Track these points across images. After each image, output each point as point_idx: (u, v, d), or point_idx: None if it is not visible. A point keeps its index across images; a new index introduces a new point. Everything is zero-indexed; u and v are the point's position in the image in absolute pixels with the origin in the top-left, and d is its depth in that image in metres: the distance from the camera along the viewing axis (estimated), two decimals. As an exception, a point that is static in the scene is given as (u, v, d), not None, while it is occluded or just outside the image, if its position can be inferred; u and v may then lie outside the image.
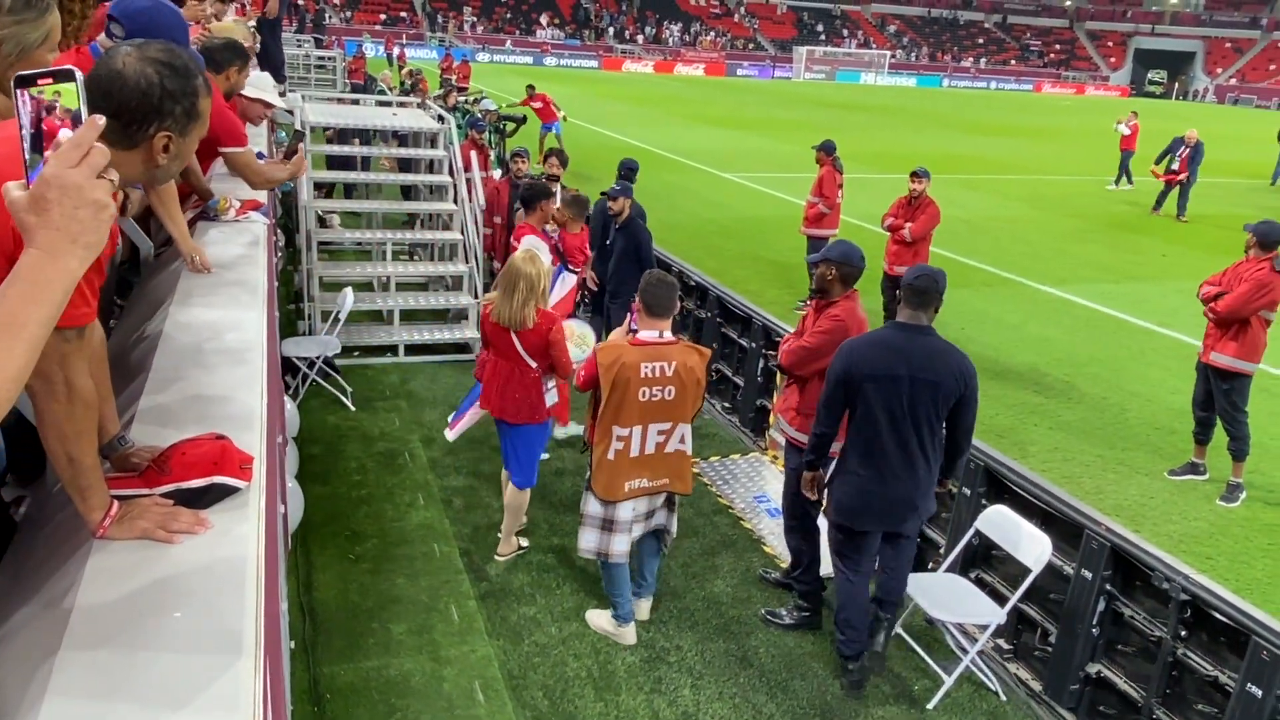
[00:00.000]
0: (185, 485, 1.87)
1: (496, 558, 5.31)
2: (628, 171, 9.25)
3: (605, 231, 7.61)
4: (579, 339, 5.53)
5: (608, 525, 4.43)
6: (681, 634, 4.75)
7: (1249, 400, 6.46)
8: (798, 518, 4.91)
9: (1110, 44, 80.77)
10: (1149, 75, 76.98)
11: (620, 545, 4.46)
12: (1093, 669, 4.25)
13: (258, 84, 4.76)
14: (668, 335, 4.31)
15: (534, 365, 4.96)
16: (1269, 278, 6.15)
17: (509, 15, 67.49)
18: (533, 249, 5.28)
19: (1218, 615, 3.64)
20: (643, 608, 4.83)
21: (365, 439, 6.69)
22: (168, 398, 2.38)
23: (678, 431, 4.37)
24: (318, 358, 6.97)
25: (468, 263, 8.63)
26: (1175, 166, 17.04)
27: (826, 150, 10.37)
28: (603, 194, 7.54)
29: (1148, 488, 6.64)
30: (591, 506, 4.45)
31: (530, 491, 5.32)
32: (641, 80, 53.76)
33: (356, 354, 8.11)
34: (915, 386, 4.06)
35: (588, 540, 4.50)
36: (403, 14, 63.83)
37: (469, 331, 8.41)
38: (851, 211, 12.06)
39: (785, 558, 5.44)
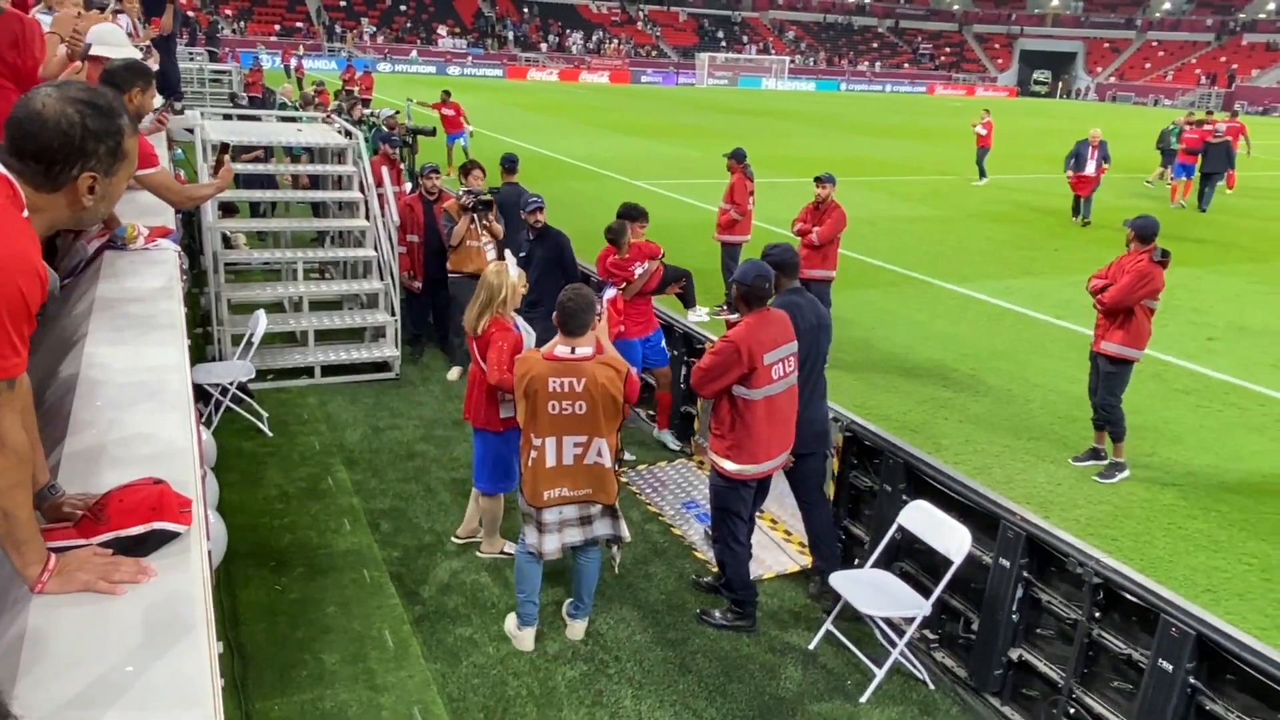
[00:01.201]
0: (124, 533, 1.82)
1: (478, 554, 5.48)
2: (510, 164, 9.37)
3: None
4: None
5: (539, 526, 4.51)
6: (620, 645, 4.78)
7: (1129, 385, 6.80)
8: (720, 530, 5.00)
9: (997, 46, 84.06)
10: (1034, 75, 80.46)
11: (550, 545, 4.53)
12: (1014, 654, 4.44)
13: (103, 38, 4.50)
14: (581, 351, 4.34)
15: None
16: (1149, 268, 6.52)
17: (409, 24, 66.57)
18: (504, 262, 5.28)
19: (1129, 596, 3.85)
20: (577, 628, 4.85)
21: (285, 465, 6.53)
22: (93, 441, 2.30)
23: (594, 445, 4.41)
24: (231, 383, 6.78)
25: (383, 279, 8.50)
26: (1090, 171, 16.61)
27: (737, 158, 10.56)
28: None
29: (1054, 474, 6.95)
30: (523, 506, 4.57)
31: (503, 498, 5.42)
32: (547, 88, 53.68)
33: (270, 377, 7.91)
34: (817, 332, 5.18)
35: (528, 535, 4.60)
36: (299, 24, 62.35)
37: (387, 350, 8.28)
38: (762, 216, 12.29)
39: (717, 566, 5.52)
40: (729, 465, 4.76)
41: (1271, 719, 3.39)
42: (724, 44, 75.69)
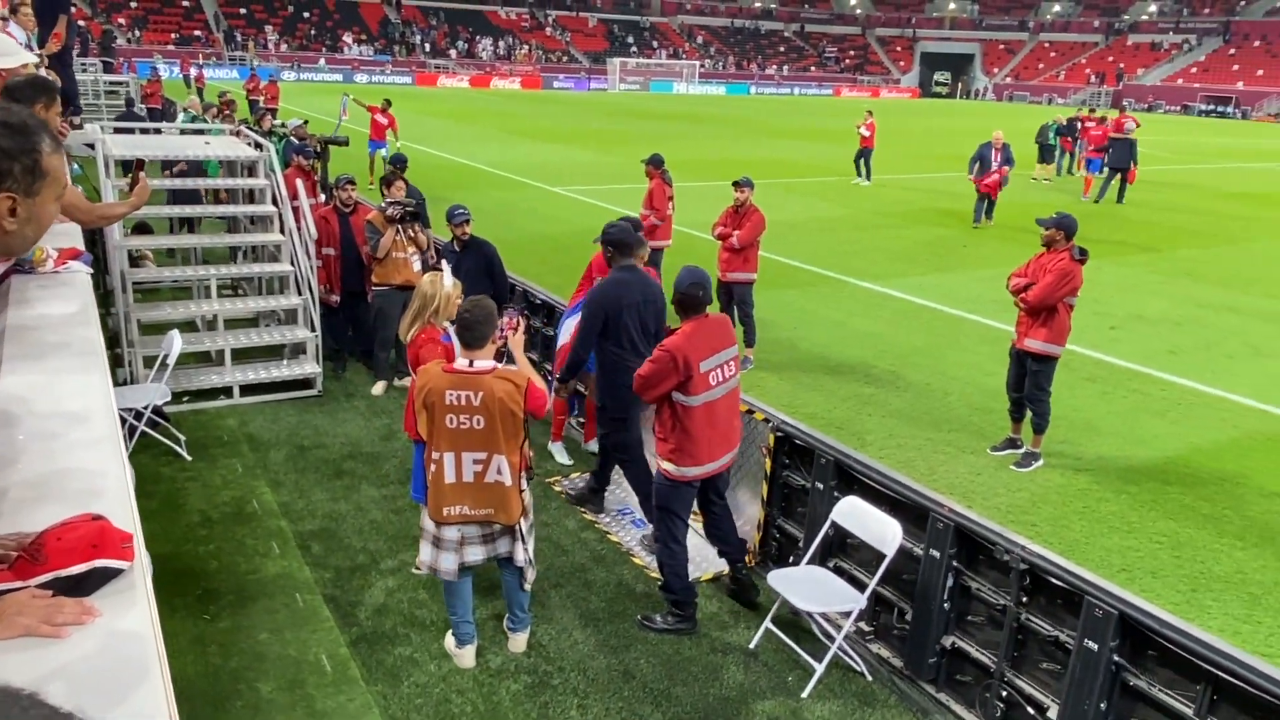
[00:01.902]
0: (64, 573, 1.75)
1: (413, 571, 5.38)
2: (401, 164, 9.70)
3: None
4: None
5: (437, 542, 4.45)
6: (562, 655, 4.77)
7: (1053, 380, 7.11)
8: (661, 530, 5.05)
9: (899, 49, 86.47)
10: (935, 77, 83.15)
11: (447, 564, 4.45)
12: (947, 641, 4.57)
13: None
14: (480, 365, 4.26)
15: None
16: (1070, 267, 6.77)
17: (313, 32, 65.17)
18: (439, 273, 5.19)
19: (1054, 580, 4.00)
20: (518, 641, 4.81)
21: (206, 489, 6.33)
22: (19, 478, 2.20)
23: (494, 462, 4.32)
24: (146, 407, 6.54)
25: (301, 294, 8.30)
26: (994, 169, 16.81)
27: (655, 164, 10.65)
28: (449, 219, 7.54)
29: (974, 465, 7.19)
30: (425, 521, 4.50)
31: None
32: (459, 95, 53.20)
33: (187, 399, 7.66)
34: (646, 307, 5.78)
35: (423, 553, 4.54)
36: (197, 33, 60.51)
37: (308, 366, 8.10)
38: (683, 221, 12.40)
39: (654, 570, 5.56)
40: (671, 468, 4.83)
41: (1189, 691, 3.57)
42: (634, 49, 76.14)
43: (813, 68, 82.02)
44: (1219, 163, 31.75)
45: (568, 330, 6.70)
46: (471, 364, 4.27)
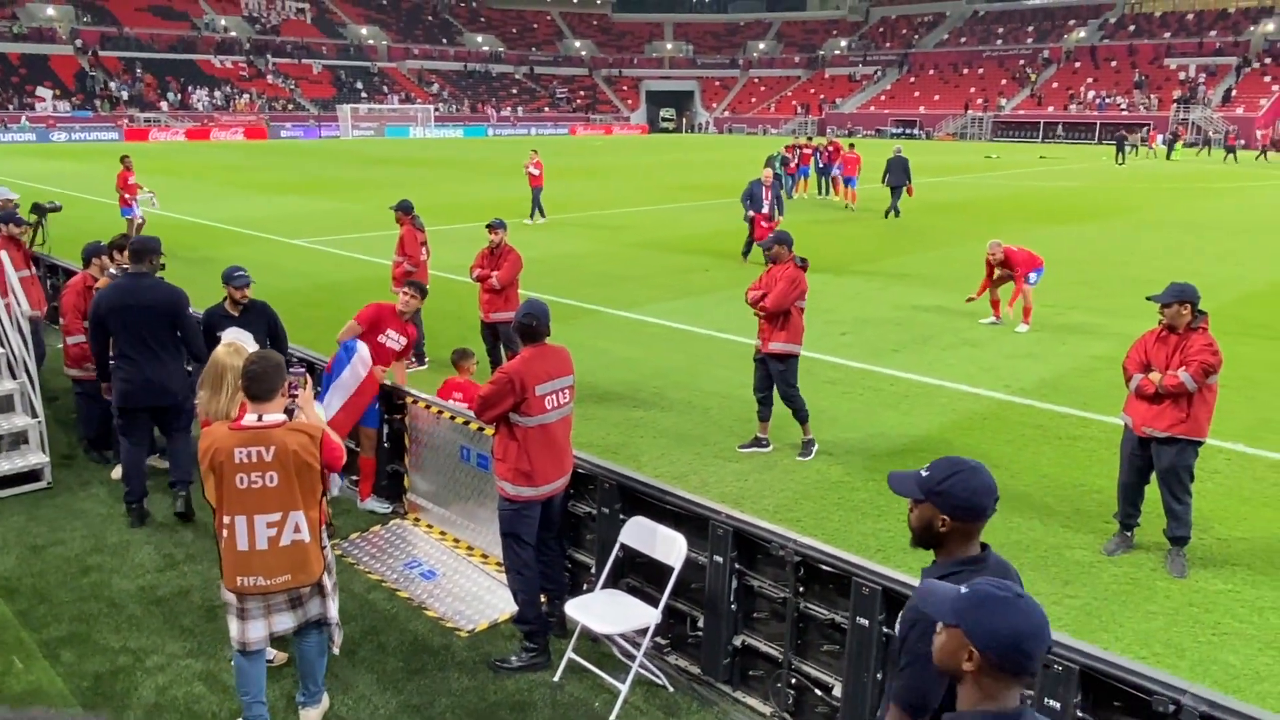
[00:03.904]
0: None
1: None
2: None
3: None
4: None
5: (241, 614, 4.22)
6: (364, 722, 4.60)
7: (799, 378, 7.81)
8: (508, 557, 5.08)
9: (625, 88, 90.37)
10: (661, 113, 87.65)
11: (256, 633, 4.23)
12: (738, 641, 4.85)
13: None
14: (270, 418, 4.13)
15: None
16: (796, 273, 7.69)
17: (-7, 87, 58.59)
18: (237, 340, 4.80)
19: (824, 567, 4.37)
20: (311, 716, 4.57)
21: (-80, 611, 5.53)
22: None
23: (291, 520, 4.17)
24: None
25: (16, 378, 7.45)
26: (766, 211, 16.59)
27: (404, 210, 10.55)
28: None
29: (739, 472, 7.66)
30: (224, 593, 4.25)
31: None
32: (174, 149, 49.73)
33: (-119, 512, 6.65)
34: (141, 313, 6.45)
35: (230, 628, 4.27)
36: None
37: (32, 457, 7.27)
38: (438, 265, 12.32)
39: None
40: (510, 488, 4.92)
41: (947, 645, 4.02)
42: (364, 95, 74.51)
43: (546, 108, 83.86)
44: (914, 179, 35.59)
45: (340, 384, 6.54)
46: (261, 418, 4.08)
